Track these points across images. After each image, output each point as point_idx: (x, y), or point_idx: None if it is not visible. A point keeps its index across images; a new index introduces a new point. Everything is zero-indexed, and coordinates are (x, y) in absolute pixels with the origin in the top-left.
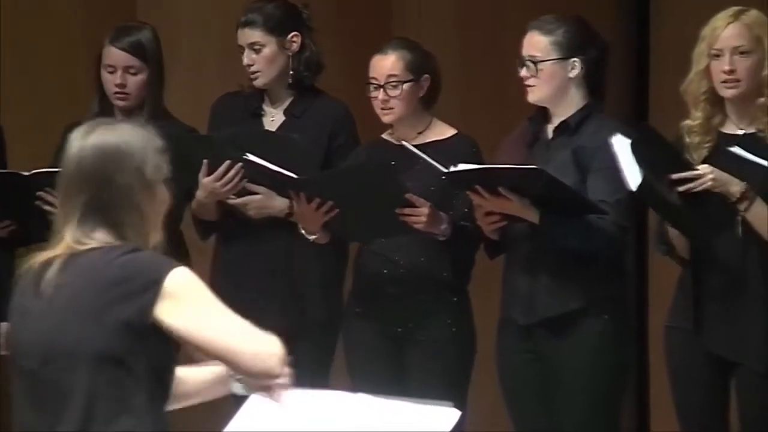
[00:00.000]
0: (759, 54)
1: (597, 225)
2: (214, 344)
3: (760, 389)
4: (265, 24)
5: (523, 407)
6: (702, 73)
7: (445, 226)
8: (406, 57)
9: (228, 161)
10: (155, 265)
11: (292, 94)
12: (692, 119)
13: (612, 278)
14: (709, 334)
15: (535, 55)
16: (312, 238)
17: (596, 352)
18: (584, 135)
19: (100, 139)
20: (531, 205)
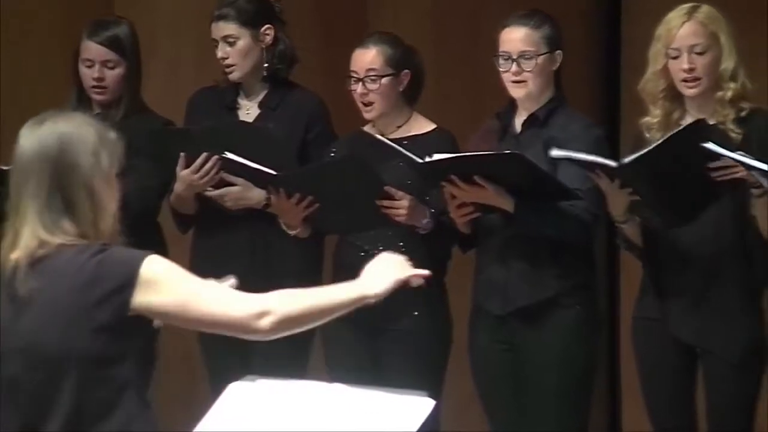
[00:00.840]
0: (715, 50)
1: (570, 212)
2: (201, 318)
3: (729, 377)
4: (238, 17)
5: (496, 396)
6: (659, 73)
7: (427, 220)
8: (387, 52)
9: (205, 154)
10: (127, 259)
11: (266, 87)
12: (652, 116)
13: (583, 267)
14: (678, 323)
15: (528, 50)
16: (293, 233)
17: (568, 340)
18: (554, 127)
19: (56, 127)
20: (506, 193)
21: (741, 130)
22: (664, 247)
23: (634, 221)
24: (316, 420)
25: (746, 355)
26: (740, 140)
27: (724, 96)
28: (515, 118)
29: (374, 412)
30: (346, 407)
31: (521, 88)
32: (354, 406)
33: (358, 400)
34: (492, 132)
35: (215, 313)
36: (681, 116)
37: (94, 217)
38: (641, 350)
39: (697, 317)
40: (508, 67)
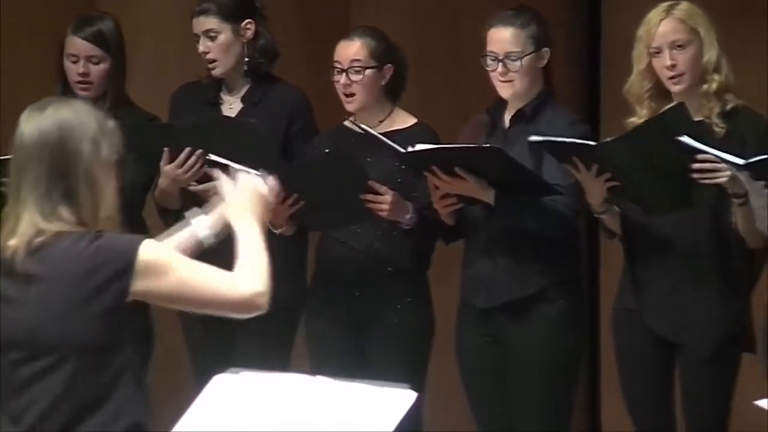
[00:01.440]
0: (696, 44)
1: (551, 207)
2: (202, 301)
3: (703, 371)
4: (219, 12)
5: (480, 389)
6: (644, 73)
7: (410, 215)
8: (371, 44)
9: (188, 149)
10: (123, 246)
11: (249, 81)
12: (638, 117)
13: (568, 262)
14: (654, 316)
15: (514, 50)
16: (278, 232)
17: (552, 334)
18: (540, 123)
19: (57, 113)
20: (487, 186)
21: (725, 125)
22: (641, 239)
23: (613, 211)
24: (299, 412)
25: (720, 349)
26: (723, 135)
27: (709, 88)
28: (504, 114)
29: (357, 404)
30: (329, 399)
31: (508, 88)
32: (337, 398)
33: (341, 392)
34: (482, 126)
35: (215, 293)
36: None
37: (94, 205)
38: (620, 341)
39: (672, 311)
40: (495, 67)
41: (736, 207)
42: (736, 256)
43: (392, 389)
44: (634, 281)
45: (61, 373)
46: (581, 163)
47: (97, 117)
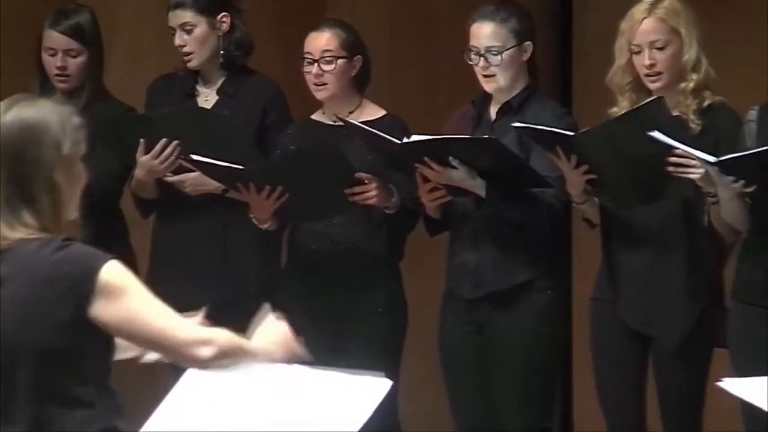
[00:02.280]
0: (676, 44)
1: (540, 198)
2: (148, 335)
3: (674, 363)
4: (194, 5)
5: (460, 379)
6: (624, 67)
7: (395, 198)
8: (341, 35)
9: (164, 139)
10: (88, 260)
11: (224, 74)
12: (619, 107)
13: (554, 253)
14: (628, 308)
15: (495, 45)
16: (264, 227)
17: (540, 324)
18: (527, 115)
19: (19, 114)
20: (477, 177)
21: (701, 121)
22: (617, 232)
23: (592, 202)
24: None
25: (687, 342)
26: (699, 131)
27: (687, 87)
28: (490, 106)
29: (333, 392)
30: (305, 387)
31: (491, 82)
32: (313, 386)
33: (318, 381)
34: (468, 118)
35: (162, 333)
36: None
37: (55, 211)
38: (595, 331)
39: (644, 303)
40: (477, 62)
41: (710, 205)
42: (707, 251)
43: (368, 377)
44: (610, 272)
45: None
46: (564, 154)
47: (61, 116)
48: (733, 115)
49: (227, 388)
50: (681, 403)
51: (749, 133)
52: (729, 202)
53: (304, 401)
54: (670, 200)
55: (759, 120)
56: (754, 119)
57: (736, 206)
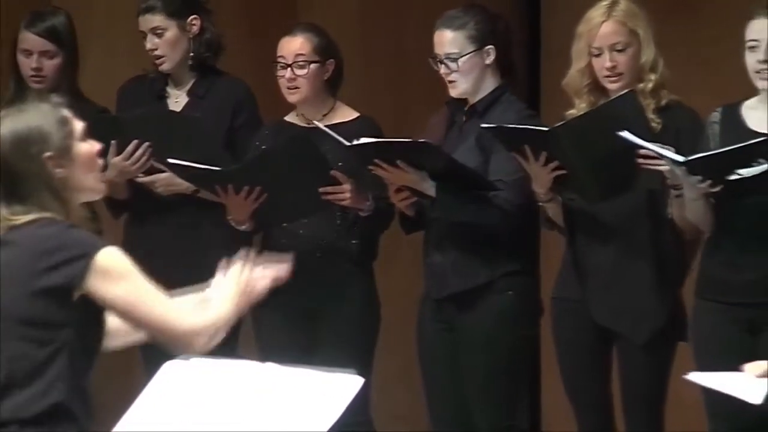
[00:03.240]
0: (635, 45)
1: (490, 201)
2: (149, 320)
3: (639, 358)
4: (165, 9)
5: (433, 375)
6: (583, 70)
7: (369, 202)
8: (314, 40)
9: (135, 141)
10: (89, 240)
11: (194, 75)
12: (577, 109)
13: (516, 255)
14: (592, 305)
15: (453, 52)
16: (242, 228)
17: (501, 325)
18: (491, 118)
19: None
20: (427, 178)
21: (660, 120)
22: (582, 229)
23: (557, 200)
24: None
25: (655, 337)
26: (659, 130)
27: (645, 87)
28: (463, 108)
29: (305, 390)
30: (277, 385)
31: (453, 88)
32: (285, 384)
33: (290, 378)
34: (443, 120)
35: (163, 317)
36: None
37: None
38: (559, 330)
39: (610, 299)
40: (439, 68)
41: (674, 198)
42: (671, 246)
43: (340, 375)
44: (576, 270)
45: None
46: (531, 154)
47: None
48: (690, 113)
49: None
50: (645, 398)
51: (713, 135)
52: (694, 202)
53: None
54: (634, 194)
55: (722, 121)
56: (717, 121)
57: (700, 206)
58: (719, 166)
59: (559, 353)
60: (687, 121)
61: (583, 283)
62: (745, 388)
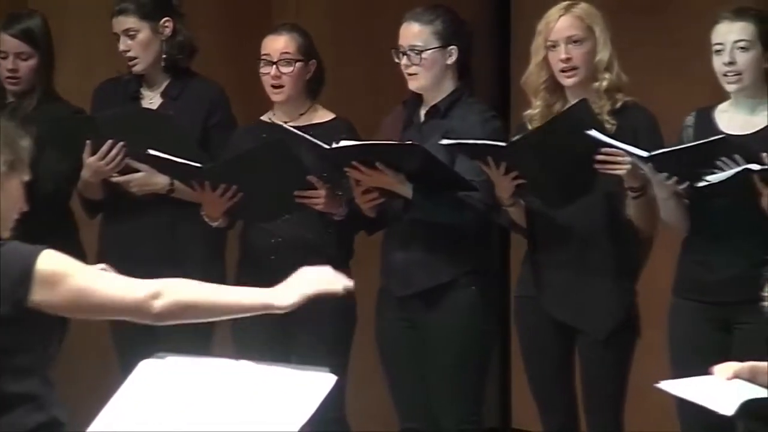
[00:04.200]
0: (591, 42)
1: (465, 201)
2: (99, 308)
3: (599, 354)
4: (137, 11)
5: (399, 372)
6: (541, 65)
7: (342, 208)
8: (298, 39)
9: (110, 140)
10: (22, 256)
11: (168, 76)
12: (533, 108)
13: (479, 253)
14: (553, 302)
15: (417, 44)
16: (215, 225)
17: (464, 319)
18: (453, 119)
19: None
20: (405, 181)
21: (615, 121)
22: (542, 229)
23: (519, 205)
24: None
25: (614, 332)
26: (614, 130)
27: (600, 86)
28: (420, 108)
29: (279, 388)
30: (252, 383)
31: (414, 81)
32: (260, 382)
33: (264, 377)
34: (399, 119)
35: (111, 299)
36: (561, 107)
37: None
38: (522, 328)
39: (571, 297)
40: (401, 60)
41: (631, 200)
42: (628, 244)
43: (313, 373)
44: (535, 269)
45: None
46: (493, 163)
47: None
48: (645, 111)
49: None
50: (606, 394)
51: (687, 138)
52: (665, 201)
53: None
54: (593, 196)
55: (695, 125)
56: (691, 124)
57: (673, 206)
58: (683, 162)
59: (522, 351)
60: (643, 122)
61: (544, 282)
62: (717, 397)
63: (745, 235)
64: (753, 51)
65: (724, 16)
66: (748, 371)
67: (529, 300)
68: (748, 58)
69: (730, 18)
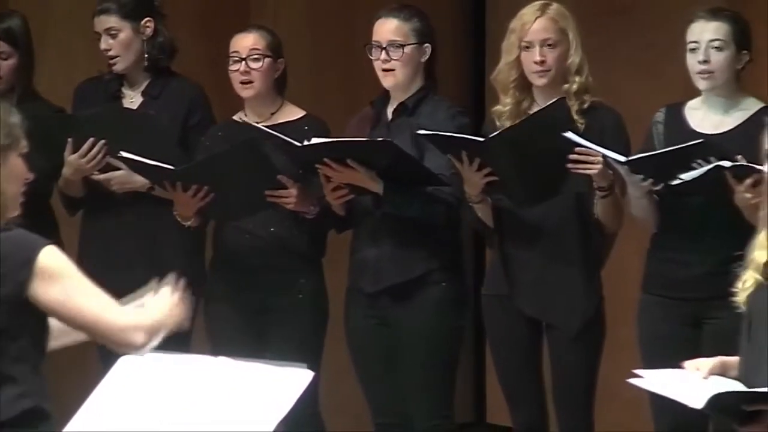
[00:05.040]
0: (564, 45)
1: (436, 196)
2: (84, 319)
3: (569, 349)
4: (119, 10)
5: (370, 368)
6: (512, 63)
7: (314, 207)
8: (267, 37)
9: (91, 139)
10: (27, 244)
11: (149, 76)
12: (503, 105)
13: (449, 248)
14: (523, 299)
15: (397, 39)
16: (187, 224)
17: (435, 315)
18: (421, 115)
19: None
20: (376, 177)
21: (583, 120)
22: (511, 226)
23: (486, 202)
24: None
25: (584, 328)
26: (583, 130)
27: (570, 88)
28: (388, 107)
29: (257, 383)
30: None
31: (390, 77)
32: (238, 378)
33: (242, 372)
34: (366, 119)
35: (96, 318)
36: (529, 105)
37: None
38: (491, 325)
39: (540, 293)
40: (378, 56)
41: (599, 199)
42: (596, 240)
43: (290, 369)
44: (505, 266)
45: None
46: (466, 158)
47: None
48: (611, 111)
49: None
50: (576, 389)
51: (657, 134)
52: (638, 200)
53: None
54: (563, 196)
55: (665, 121)
56: (661, 120)
57: (645, 204)
58: (659, 165)
59: (492, 348)
60: (610, 122)
61: (512, 280)
62: (688, 391)
63: (715, 232)
64: (727, 51)
65: (699, 15)
66: (719, 366)
67: (498, 297)
68: (721, 57)
69: (706, 17)
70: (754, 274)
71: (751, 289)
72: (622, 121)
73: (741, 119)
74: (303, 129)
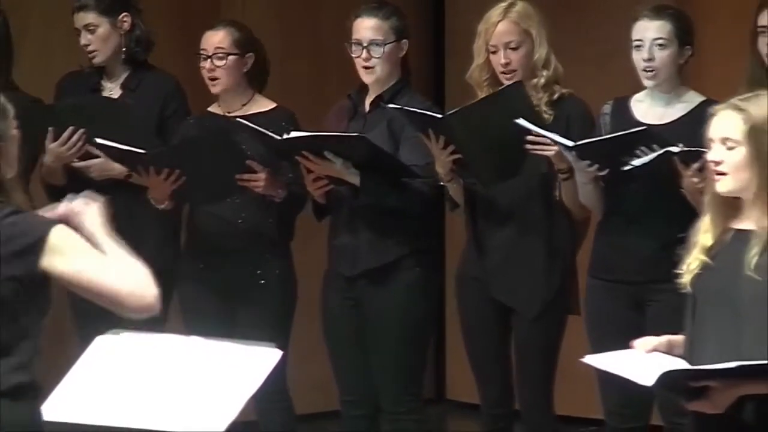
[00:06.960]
0: (528, 44)
1: (411, 186)
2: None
3: (531, 331)
4: (97, 7)
5: (341, 347)
6: (483, 65)
7: (282, 191)
8: (234, 34)
9: (71, 128)
10: (39, 224)
11: (127, 69)
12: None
13: (423, 234)
14: (493, 281)
15: (377, 38)
16: (161, 207)
17: (408, 299)
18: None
19: None
20: (353, 168)
21: (552, 111)
22: (480, 209)
23: (458, 182)
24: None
25: (543, 310)
26: (551, 120)
27: (538, 83)
28: (365, 99)
29: (228, 362)
30: (202, 357)
31: (371, 74)
32: (210, 356)
33: (214, 351)
34: (344, 111)
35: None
36: None
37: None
38: (462, 306)
39: (507, 276)
40: (360, 53)
41: (561, 182)
42: (560, 225)
43: (259, 348)
44: (477, 249)
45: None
46: (434, 136)
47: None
48: (580, 104)
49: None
50: (536, 369)
51: (604, 125)
52: (585, 186)
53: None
54: (527, 177)
55: (612, 113)
56: (608, 112)
57: (591, 190)
58: (605, 151)
59: (462, 328)
60: (576, 111)
61: (483, 262)
62: (638, 370)
63: (657, 216)
64: (670, 49)
65: (643, 14)
66: (666, 344)
67: (470, 279)
68: (665, 55)
69: (649, 16)
70: (699, 256)
71: (696, 270)
72: (587, 111)
73: (683, 111)
74: (274, 120)
